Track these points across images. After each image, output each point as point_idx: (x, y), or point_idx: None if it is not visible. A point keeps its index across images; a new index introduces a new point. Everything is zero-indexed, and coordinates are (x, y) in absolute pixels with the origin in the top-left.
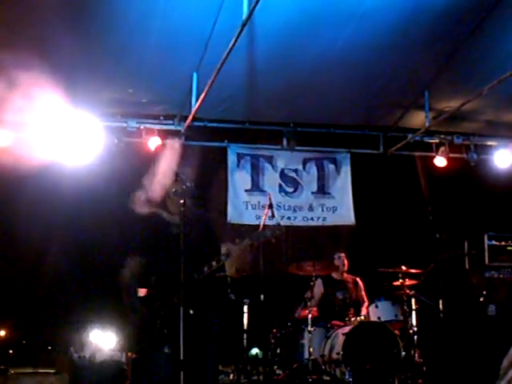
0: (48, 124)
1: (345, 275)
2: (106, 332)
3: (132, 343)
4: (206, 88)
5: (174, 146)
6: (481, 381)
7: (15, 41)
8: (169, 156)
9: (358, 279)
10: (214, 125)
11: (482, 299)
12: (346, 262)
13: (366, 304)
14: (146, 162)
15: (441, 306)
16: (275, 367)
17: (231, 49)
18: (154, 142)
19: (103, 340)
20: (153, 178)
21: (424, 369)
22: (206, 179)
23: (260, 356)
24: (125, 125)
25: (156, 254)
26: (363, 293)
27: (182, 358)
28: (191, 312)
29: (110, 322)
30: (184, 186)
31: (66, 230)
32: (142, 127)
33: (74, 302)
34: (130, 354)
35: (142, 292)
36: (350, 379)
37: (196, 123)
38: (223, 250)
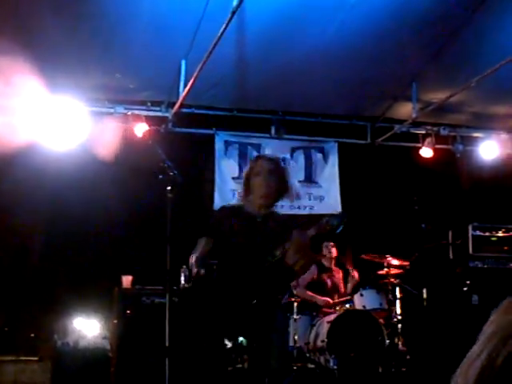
0: (33, 109)
1: (333, 265)
2: (89, 319)
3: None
4: (195, 74)
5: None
6: None
7: None
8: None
9: (355, 272)
10: (202, 111)
11: (465, 289)
12: (333, 250)
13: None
14: (132, 148)
15: (425, 295)
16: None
17: (220, 36)
18: (141, 128)
19: (87, 327)
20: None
21: (407, 357)
22: (192, 167)
23: (245, 344)
24: (112, 110)
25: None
26: (350, 287)
27: (167, 344)
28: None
29: (94, 309)
30: (171, 173)
31: (51, 215)
32: (129, 113)
33: (57, 288)
34: (114, 340)
35: (126, 281)
36: (335, 367)
37: (183, 110)
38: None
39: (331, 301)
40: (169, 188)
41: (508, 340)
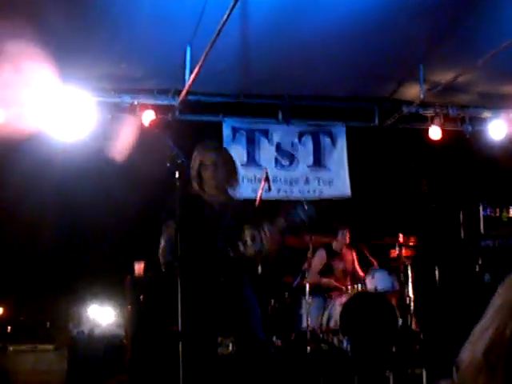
0: (40, 100)
1: (344, 248)
2: (104, 307)
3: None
4: (200, 61)
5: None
6: None
7: (4, 14)
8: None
9: (353, 253)
10: (209, 98)
11: (477, 268)
12: (348, 236)
13: (361, 272)
14: (139, 137)
15: (437, 275)
16: (274, 337)
17: (225, 21)
18: (148, 117)
19: (101, 315)
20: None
21: (421, 336)
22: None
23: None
24: (119, 100)
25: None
26: (356, 263)
27: (179, 329)
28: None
29: (109, 297)
30: (179, 161)
31: (60, 205)
32: (136, 102)
33: (71, 277)
34: (128, 328)
35: (138, 267)
36: (348, 347)
37: (190, 97)
38: (251, 231)
39: (341, 285)
40: (177, 176)
41: None
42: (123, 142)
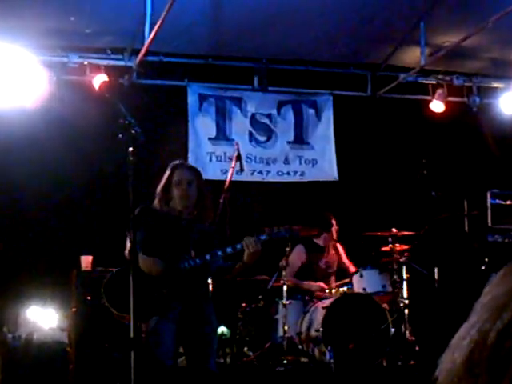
0: None
1: (329, 242)
2: (45, 308)
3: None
4: (162, 15)
5: None
6: None
7: None
8: None
9: (338, 244)
10: (172, 60)
11: (483, 267)
12: (336, 229)
13: (352, 268)
14: (89, 103)
15: (436, 275)
16: (245, 348)
17: None
18: (99, 80)
19: (42, 317)
20: None
21: (417, 348)
22: (160, 125)
23: (226, 335)
24: (65, 60)
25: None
26: (345, 258)
27: (132, 335)
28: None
29: (50, 296)
30: (133, 132)
31: None
32: (85, 63)
33: (5, 273)
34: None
35: (86, 262)
36: (331, 360)
37: (150, 58)
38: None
39: (325, 286)
40: (130, 150)
41: (503, 312)
42: (69, 108)
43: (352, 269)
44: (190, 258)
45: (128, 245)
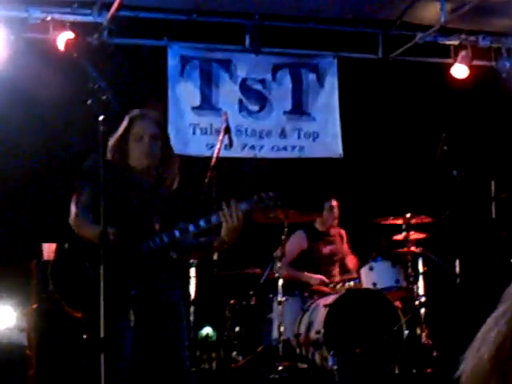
0: None
1: (332, 227)
2: (1, 305)
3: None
4: None
5: None
6: None
7: None
8: None
9: (342, 231)
10: (149, 15)
11: None
12: (336, 210)
13: (355, 260)
14: (52, 65)
15: (457, 269)
16: (233, 353)
17: None
18: (64, 38)
19: None
20: None
21: (434, 354)
22: (136, 93)
23: (212, 337)
24: (25, 15)
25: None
26: (347, 247)
27: (102, 335)
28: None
29: (7, 291)
30: (104, 98)
31: None
32: (48, 18)
33: None
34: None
35: (49, 250)
36: (335, 367)
37: (123, 13)
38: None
39: (326, 279)
40: (101, 118)
41: None
42: (29, 71)
43: (353, 261)
44: (156, 237)
45: (73, 209)
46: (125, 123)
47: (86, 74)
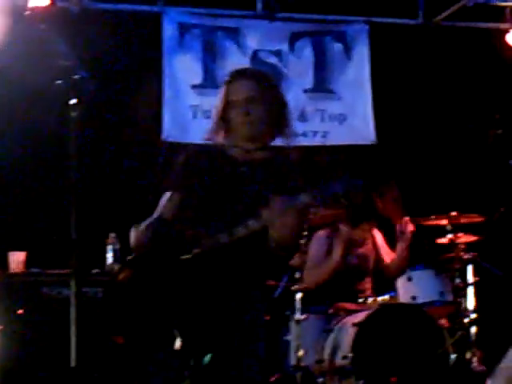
0: None
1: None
2: None
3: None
4: None
5: None
6: None
7: None
8: None
9: (374, 232)
10: None
11: None
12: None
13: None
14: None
15: None
16: None
17: None
18: (33, 4)
19: None
20: None
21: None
22: (124, 68)
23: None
24: None
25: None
26: (384, 250)
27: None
28: None
29: None
30: (77, 77)
31: None
32: None
33: None
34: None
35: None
36: None
37: None
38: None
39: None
40: (73, 102)
41: None
42: None
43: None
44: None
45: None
46: (222, 90)
47: (56, 47)
